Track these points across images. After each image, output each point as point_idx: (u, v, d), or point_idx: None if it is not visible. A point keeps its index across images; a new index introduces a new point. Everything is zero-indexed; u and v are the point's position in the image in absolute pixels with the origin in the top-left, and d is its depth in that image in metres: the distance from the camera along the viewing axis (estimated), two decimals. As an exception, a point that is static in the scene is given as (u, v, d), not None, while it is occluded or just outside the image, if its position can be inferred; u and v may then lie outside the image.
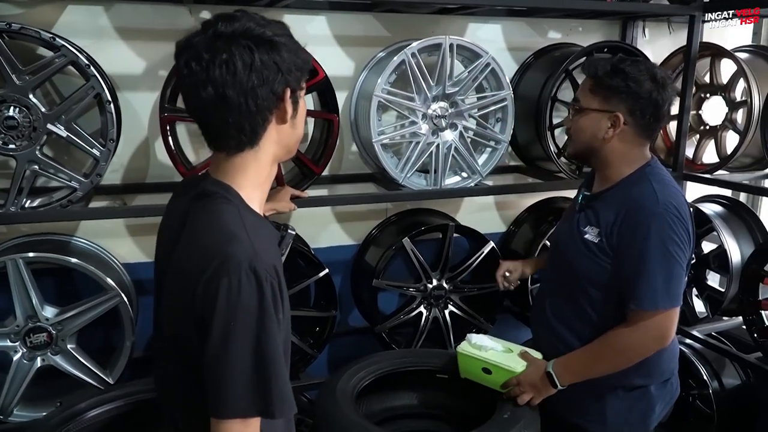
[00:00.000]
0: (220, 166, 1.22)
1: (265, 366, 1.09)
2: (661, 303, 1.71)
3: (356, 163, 2.74)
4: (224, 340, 1.07)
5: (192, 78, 1.11)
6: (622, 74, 1.74)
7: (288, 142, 1.24)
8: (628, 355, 1.77)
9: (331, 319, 2.49)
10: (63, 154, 2.28)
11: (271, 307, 1.10)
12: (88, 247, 2.34)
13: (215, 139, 1.19)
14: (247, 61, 1.10)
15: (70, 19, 2.23)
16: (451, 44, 2.33)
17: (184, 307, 1.12)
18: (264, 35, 1.12)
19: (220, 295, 1.07)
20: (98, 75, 1.97)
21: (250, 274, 1.08)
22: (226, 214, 1.15)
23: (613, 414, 1.88)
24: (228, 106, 1.12)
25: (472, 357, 1.97)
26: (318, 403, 2.01)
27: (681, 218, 1.73)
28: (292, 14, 2.48)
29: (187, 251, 1.16)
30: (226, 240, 1.11)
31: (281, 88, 1.15)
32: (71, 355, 2.17)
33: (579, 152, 1.90)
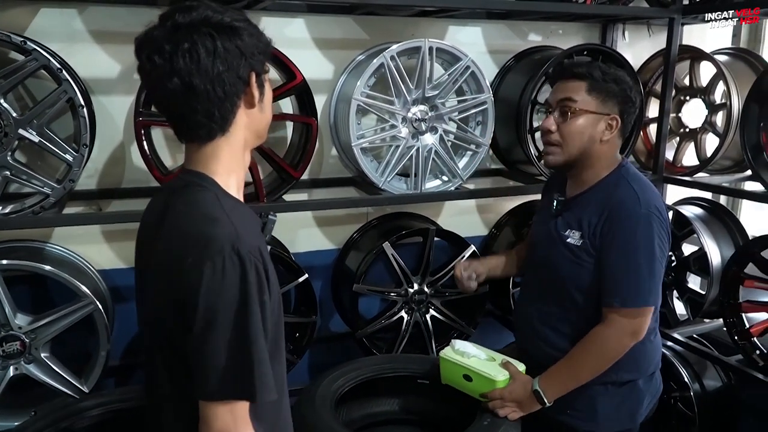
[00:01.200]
0: (193, 156, 1.22)
1: (247, 349, 1.09)
2: (644, 301, 1.76)
3: (336, 167, 2.72)
4: (208, 323, 1.08)
5: (156, 71, 1.12)
6: (616, 78, 1.79)
7: (258, 126, 1.25)
8: (609, 356, 1.79)
9: (312, 324, 2.47)
10: (36, 160, 2.25)
11: (254, 289, 1.10)
12: (62, 253, 2.30)
13: (186, 130, 1.20)
14: (209, 48, 1.11)
15: (43, 22, 2.20)
16: (431, 47, 2.32)
17: (170, 296, 1.13)
18: (223, 21, 1.13)
19: (204, 278, 1.07)
20: (71, 79, 1.93)
21: (233, 257, 1.08)
22: (204, 200, 1.17)
23: (603, 410, 1.89)
24: (196, 95, 1.12)
25: (454, 363, 1.95)
26: (297, 410, 1.99)
27: (662, 219, 1.78)
28: (271, 17, 2.46)
29: (168, 241, 1.17)
30: (207, 224, 1.12)
31: (246, 72, 1.16)
32: (45, 363, 2.13)
33: (574, 157, 1.82)
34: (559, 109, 1.81)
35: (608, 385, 1.87)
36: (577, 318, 1.87)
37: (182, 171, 1.26)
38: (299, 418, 1.92)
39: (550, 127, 1.82)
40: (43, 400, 2.17)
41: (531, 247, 2.08)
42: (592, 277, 1.81)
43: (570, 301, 1.87)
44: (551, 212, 1.94)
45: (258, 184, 2.21)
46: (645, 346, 1.86)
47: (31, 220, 1.98)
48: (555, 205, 1.92)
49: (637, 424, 1.96)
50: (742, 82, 2.68)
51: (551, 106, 1.85)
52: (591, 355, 1.80)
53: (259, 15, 2.43)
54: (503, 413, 1.85)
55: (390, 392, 2.26)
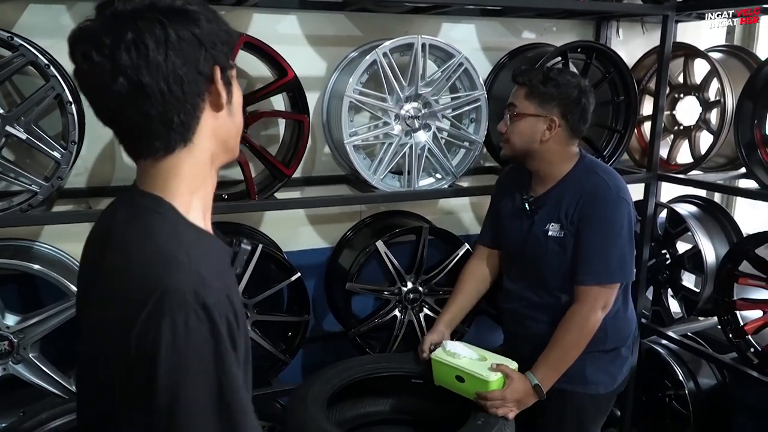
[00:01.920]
0: (147, 175, 1.00)
1: (234, 416, 0.90)
2: (613, 278, 1.95)
3: (329, 165, 2.70)
4: (175, 398, 0.86)
5: (95, 72, 0.90)
6: (554, 82, 1.96)
7: (227, 134, 1.04)
8: (587, 331, 1.95)
9: (304, 323, 2.44)
10: (25, 158, 2.22)
11: (227, 343, 0.90)
12: (51, 252, 2.27)
13: (139, 144, 0.97)
14: (159, 36, 0.90)
15: (31, 18, 2.17)
16: (424, 44, 2.30)
17: (115, 361, 0.91)
18: (174, 5, 0.92)
19: (163, 340, 0.85)
20: (59, 75, 1.90)
21: (198, 311, 0.87)
22: (159, 232, 0.95)
23: (591, 374, 2.05)
24: (147, 96, 0.91)
25: (445, 364, 1.95)
26: (289, 410, 1.98)
27: (629, 202, 1.98)
28: (262, 13, 2.44)
29: (110, 286, 0.95)
30: (163, 266, 0.90)
31: (208, 66, 0.95)
32: (34, 364, 2.10)
33: (517, 153, 2.03)
34: (508, 112, 2.03)
35: (596, 353, 2.04)
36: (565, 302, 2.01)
37: (133, 191, 1.02)
38: (292, 418, 1.91)
39: (501, 129, 2.05)
40: (32, 400, 2.16)
41: (511, 249, 2.15)
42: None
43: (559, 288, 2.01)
44: (525, 212, 2.06)
45: (249, 182, 2.19)
46: (626, 317, 2.11)
47: (18, 218, 1.95)
48: (527, 206, 2.05)
49: (616, 386, 2.12)
50: (736, 79, 2.67)
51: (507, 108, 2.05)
52: (571, 333, 1.95)
53: (250, 12, 2.41)
54: (501, 413, 1.88)
55: (384, 392, 2.25)
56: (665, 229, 2.98)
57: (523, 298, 2.11)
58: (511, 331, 2.26)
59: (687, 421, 2.91)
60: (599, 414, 2.15)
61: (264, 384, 2.42)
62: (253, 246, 2.25)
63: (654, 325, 3.00)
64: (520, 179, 2.13)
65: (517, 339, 2.19)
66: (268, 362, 2.44)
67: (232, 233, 2.49)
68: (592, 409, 2.11)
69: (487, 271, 2.27)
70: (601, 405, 2.13)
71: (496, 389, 1.89)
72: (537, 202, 2.04)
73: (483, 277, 2.28)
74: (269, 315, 2.43)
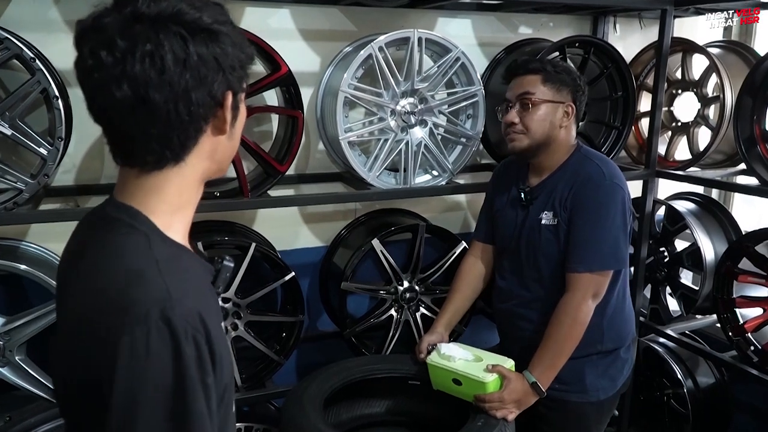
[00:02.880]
0: (128, 185, 0.95)
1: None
2: (605, 265, 1.91)
3: (323, 162, 2.66)
4: (128, 420, 0.81)
5: (101, 72, 0.85)
6: (564, 69, 1.99)
7: (223, 156, 1.00)
8: (580, 320, 1.90)
9: (299, 324, 2.40)
10: (11, 155, 2.16)
11: (193, 369, 0.83)
12: (38, 252, 2.22)
13: (128, 154, 0.93)
14: (179, 54, 0.85)
15: (18, 11, 2.11)
16: (420, 38, 2.26)
17: (79, 376, 0.87)
18: (201, 21, 0.87)
19: (120, 357, 0.80)
20: (45, 69, 1.85)
21: (161, 327, 0.82)
22: (130, 246, 0.90)
23: (590, 380, 2.02)
24: (151, 114, 0.86)
25: (441, 368, 1.92)
26: (284, 411, 1.94)
27: (623, 188, 1.95)
28: (255, 6, 2.39)
29: (80, 297, 0.91)
30: (129, 281, 0.85)
31: (222, 90, 0.91)
32: (20, 367, 2.04)
33: (536, 143, 1.97)
34: (520, 102, 1.97)
35: (593, 356, 2.01)
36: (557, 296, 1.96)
37: (109, 201, 0.98)
38: (287, 420, 1.87)
39: (513, 120, 1.97)
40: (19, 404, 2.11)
41: (506, 241, 2.11)
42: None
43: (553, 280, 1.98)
44: (521, 204, 2.05)
45: (242, 179, 2.14)
46: (624, 316, 2.07)
47: (3, 217, 1.89)
48: (523, 197, 2.03)
49: (618, 390, 2.09)
50: (735, 74, 2.65)
51: (510, 101, 1.99)
52: (564, 325, 1.90)
53: (243, 5, 2.37)
54: (501, 415, 1.85)
55: (380, 393, 2.21)
56: (663, 226, 2.96)
57: (516, 296, 2.08)
58: (504, 331, 2.22)
59: (686, 420, 2.89)
60: (602, 419, 2.11)
61: (258, 386, 2.37)
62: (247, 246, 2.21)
63: (652, 324, 2.97)
64: (515, 172, 2.12)
65: (511, 339, 2.15)
66: (261, 363, 2.39)
67: (225, 232, 2.44)
68: (594, 415, 2.07)
69: (483, 268, 2.24)
70: (602, 410, 2.08)
71: (493, 390, 1.85)
72: (533, 192, 2.02)
73: (479, 275, 2.24)
74: (263, 315, 2.38)
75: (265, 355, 2.36)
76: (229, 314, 2.29)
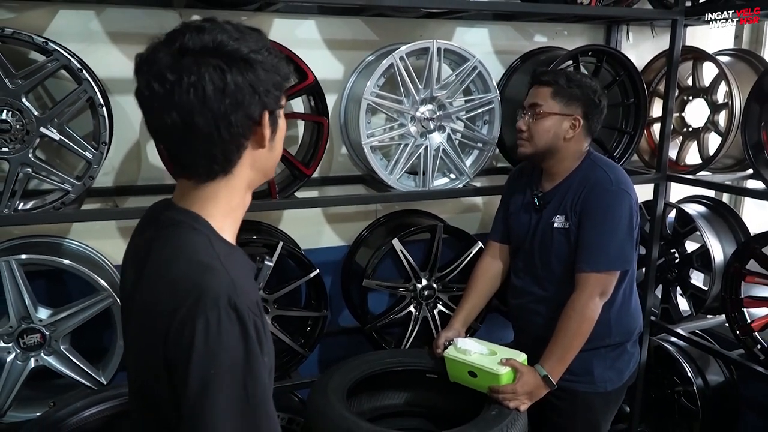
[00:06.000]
0: (187, 194, 1.09)
1: (257, 418, 0.96)
2: (611, 265, 2.01)
3: (346, 165, 2.77)
4: (204, 391, 0.92)
5: (154, 101, 0.99)
6: (577, 83, 2.06)
7: (265, 165, 1.12)
8: (589, 317, 2.01)
9: (322, 318, 2.51)
10: (55, 158, 2.30)
11: (256, 347, 0.96)
12: (80, 248, 2.36)
13: (183, 167, 1.07)
14: (218, 84, 0.97)
15: (62, 23, 2.25)
16: (439, 48, 2.37)
17: (156, 356, 0.97)
18: (238, 52, 0.99)
19: (197, 337, 0.92)
20: (90, 79, 1.98)
21: (230, 311, 0.95)
22: (195, 244, 1.03)
23: (598, 371, 2.12)
24: (196, 135, 0.99)
25: (457, 361, 2.02)
26: (310, 400, 2.04)
27: (630, 194, 2.05)
28: (282, 18, 2.51)
29: (153, 289, 1.02)
30: (199, 272, 0.98)
31: (258, 111, 1.03)
32: (64, 355, 2.18)
33: (538, 151, 2.09)
34: (530, 111, 2.09)
35: (601, 349, 2.12)
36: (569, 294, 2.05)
37: (171, 206, 1.11)
38: (312, 408, 1.98)
39: (521, 127, 2.10)
40: (63, 391, 2.24)
41: (520, 242, 2.22)
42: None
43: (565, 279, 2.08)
44: (534, 207, 2.15)
45: (271, 182, 2.26)
46: (630, 312, 2.17)
47: (52, 216, 2.03)
48: (536, 201, 2.14)
49: (624, 382, 2.19)
50: (744, 82, 2.72)
51: (524, 108, 2.11)
52: (573, 321, 2.01)
53: (271, 17, 2.49)
54: (514, 405, 1.95)
55: (400, 385, 2.31)
56: (674, 228, 3.03)
57: (530, 293, 2.18)
58: (519, 326, 2.34)
59: (695, 417, 2.95)
60: (609, 410, 2.21)
61: (284, 377, 2.49)
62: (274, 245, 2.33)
63: (663, 323, 3.04)
64: (530, 176, 2.23)
65: (525, 334, 2.27)
66: (287, 356, 2.51)
67: (253, 231, 2.56)
68: (602, 405, 2.17)
69: (499, 267, 2.34)
70: (610, 401, 2.19)
71: (507, 383, 1.95)
72: (546, 197, 2.13)
73: (495, 274, 2.35)
74: (289, 310, 2.50)
75: (290, 348, 2.48)
76: (257, 309, 2.40)
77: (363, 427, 1.83)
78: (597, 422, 2.19)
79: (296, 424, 2.48)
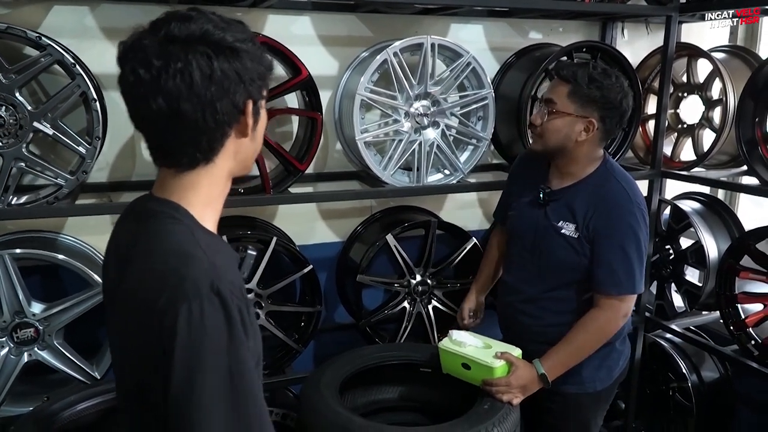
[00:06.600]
0: (167, 184, 1.09)
1: (244, 403, 0.96)
2: (636, 288, 1.97)
3: (341, 161, 2.78)
4: (190, 378, 0.92)
5: (140, 87, 0.98)
6: (598, 83, 1.91)
7: (246, 156, 1.13)
8: (606, 336, 2.01)
9: (317, 314, 2.52)
10: (49, 152, 2.31)
11: (241, 332, 0.97)
12: (74, 243, 2.36)
13: (165, 156, 1.07)
14: (205, 71, 0.98)
15: (56, 19, 2.25)
16: (433, 44, 2.37)
17: (141, 345, 0.98)
18: (225, 41, 1.00)
19: (180, 324, 0.92)
20: (84, 74, 1.99)
21: (212, 297, 0.95)
22: (176, 234, 1.03)
23: (587, 372, 2.08)
24: (183, 121, 1.00)
25: (452, 353, 2.02)
26: (303, 395, 2.04)
27: (645, 212, 1.99)
28: (276, 14, 2.52)
29: (136, 281, 1.02)
30: (180, 261, 0.98)
31: (243, 100, 1.04)
32: (58, 350, 2.19)
33: (550, 149, 2.00)
34: (545, 106, 1.99)
35: None
36: (574, 299, 2.05)
37: (151, 197, 1.11)
38: (305, 403, 1.98)
39: (535, 121, 2.01)
40: (56, 385, 2.25)
41: (516, 233, 2.18)
42: (587, 262, 1.99)
43: (567, 283, 2.03)
44: (537, 201, 2.07)
45: (264, 177, 2.27)
46: None
47: (45, 210, 2.03)
48: (542, 196, 2.05)
49: (614, 380, 2.15)
50: (739, 78, 2.72)
51: (542, 101, 2.02)
52: (591, 335, 1.99)
53: (266, 13, 2.49)
54: (507, 398, 1.93)
55: (393, 380, 2.31)
56: (669, 225, 3.04)
57: (519, 291, 2.14)
58: (505, 324, 2.28)
59: (690, 413, 2.97)
60: (600, 407, 2.19)
61: (278, 372, 2.50)
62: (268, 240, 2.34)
63: (658, 319, 3.05)
64: (539, 167, 2.12)
65: (511, 332, 2.22)
66: (281, 351, 2.52)
67: (247, 226, 2.56)
68: (592, 404, 2.15)
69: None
70: (600, 399, 2.16)
71: (501, 376, 1.95)
72: (552, 195, 2.04)
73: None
74: (283, 305, 2.50)
75: (284, 343, 2.49)
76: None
77: (355, 422, 1.84)
78: (588, 421, 2.17)
79: (290, 419, 2.49)
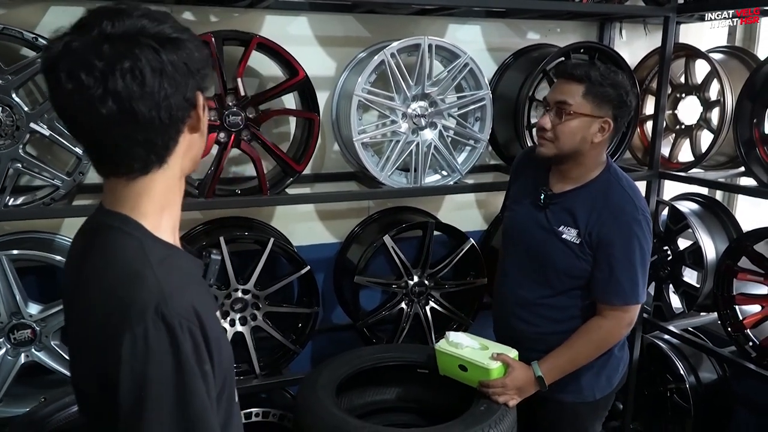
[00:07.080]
0: (118, 194, 1.01)
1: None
2: (640, 298, 1.94)
3: (338, 162, 2.77)
4: (136, 408, 0.88)
5: (83, 93, 0.88)
6: (610, 81, 1.86)
7: (197, 152, 1.07)
8: (609, 345, 1.99)
9: (314, 315, 2.52)
10: (46, 153, 2.30)
11: (191, 360, 0.91)
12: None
13: (115, 163, 0.98)
14: (156, 66, 0.91)
15: (53, 19, 2.25)
16: (430, 44, 2.37)
17: (91, 369, 0.95)
18: (165, 32, 0.93)
19: (123, 353, 0.88)
20: (81, 74, 1.98)
21: (158, 323, 0.89)
22: (125, 250, 0.97)
23: (586, 381, 2.04)
24: (137, 123, 0.92)
25: (449, 354, 2.02)
26: (299, 396, 2.05)
27: (649, 220, 1.94)
28: (274, 15, 2.51)
29: (86, 299, 0.98)
30: (127, 282, 0.93)
31: (193, 92, 0.98)
32: (55, 351, 2.19)
33: (565, 153, 1.91)
34: (556, 108, 1.89)
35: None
36: (571, 304, 2.01)
37: (101, 210, 1.04)
38: (301, 405, 1.98)
39: (545, 125, 1.91)
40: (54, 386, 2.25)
41: (513, 234, 2.14)
42: (589, 268, 1.95)
43: (565, 289, 2.00)
44: (537, 204, 2.02)
45: (261, 178, 2.27)
46: None
47: (42, 211, 2.04)
48: (542, 198, 2.00)
49: (614, 388, 2.12)
50: (736, 79, 2.72)
51: (549, 104, 1.92)
52: (593, 344, 1.97)
53: (263, 13, 2.49)
54: (503, 400, 1.93)
55: (390, 381, 2.32)
56: (667, 226, 3.03)
57: (513, 295, 2.10)
58: (499, 328, 2.25)
59: (688, 415, 2.97)
60: (598, 416, 2.16)
61: (275, 373, 2.50)
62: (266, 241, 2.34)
63: (656, 320, 3.05)
64: (539, 167, 2.06)
65: (504, 338, 2.16)
66: (278, 352, 2.52)
67: (244, 227, 2.57)
68: (590, 413, 2.12)
69: None
70: (598, 407, 2.13)
71: (497, 377, 1.94)
72: (552, 198, 1.99)
73: None
74: (280, 306, 2.50)
75: (282, 345, 2.49)
76: (248, 305, 2.42)
77: (351, 423, 1.84)
78: (585, 430, 2.15)
79: (288, 420, 2.49)
